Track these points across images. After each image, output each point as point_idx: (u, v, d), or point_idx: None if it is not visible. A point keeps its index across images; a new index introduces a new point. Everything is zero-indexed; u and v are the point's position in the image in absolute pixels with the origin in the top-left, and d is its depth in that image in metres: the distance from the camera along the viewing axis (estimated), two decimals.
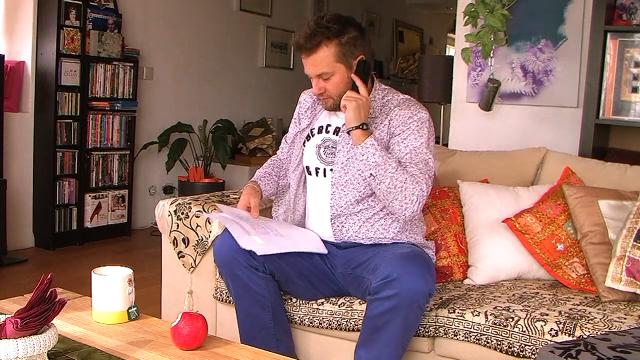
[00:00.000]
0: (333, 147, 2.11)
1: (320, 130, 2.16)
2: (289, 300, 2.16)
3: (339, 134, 2.10)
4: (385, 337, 1.85)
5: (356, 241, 2.09)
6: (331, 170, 2.09)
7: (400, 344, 1.89)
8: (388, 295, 1.82)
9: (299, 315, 2.14)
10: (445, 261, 2.29)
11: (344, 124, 2.04)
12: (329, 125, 2.15)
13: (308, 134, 2.19)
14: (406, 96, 2.12)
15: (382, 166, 1.91)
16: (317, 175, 2.14)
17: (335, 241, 2.12)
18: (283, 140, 2.34)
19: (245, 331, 2.09)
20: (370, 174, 1.93)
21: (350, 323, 2.05)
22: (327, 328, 2.09)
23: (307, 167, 2.17)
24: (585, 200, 2.22)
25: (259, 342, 1.98)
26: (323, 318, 2.09)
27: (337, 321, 2.07)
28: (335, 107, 2.05)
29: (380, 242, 2.07)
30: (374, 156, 1.92)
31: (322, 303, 2.11)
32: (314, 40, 1.95)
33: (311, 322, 2.12)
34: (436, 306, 2.01)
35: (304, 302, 2.14)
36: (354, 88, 1.97)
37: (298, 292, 2.14)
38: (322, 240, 2.13)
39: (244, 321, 2.10)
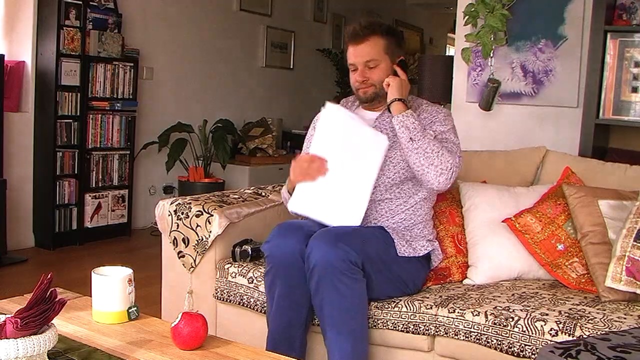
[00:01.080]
0: None
1: None
2: None
3: (375, 121, 2.21)
4: (330, 321, 1.92)
5: (370, 225, 2.16)
6: None
7: (351, 322, 1.91)
8: (310, 270, 1.92)
9: None
10: (442, 263, 2.29)
11: (376, 119, 2.21)
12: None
13: None
14: (427, 101, 2.31)
15: (420, 131, 2.05)
16: None
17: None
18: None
19: (275, 333, 2.05)
20: (410, 137, 2.04)
21: None
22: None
23: None
24: (585, 200, 2.22)
25: (288, 341, 2.01)
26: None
27: None
28: (374, 97, 2.19)
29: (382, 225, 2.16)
30: (413, 123, 2.06)
31: None
32: (368, 29, 2.15)
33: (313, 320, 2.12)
34: (436, 305, 2.01)
35: None
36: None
37: None
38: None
39: (278, 318, 2.04)
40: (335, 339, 1.92)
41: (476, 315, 1.94)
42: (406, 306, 2.02)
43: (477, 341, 1.93)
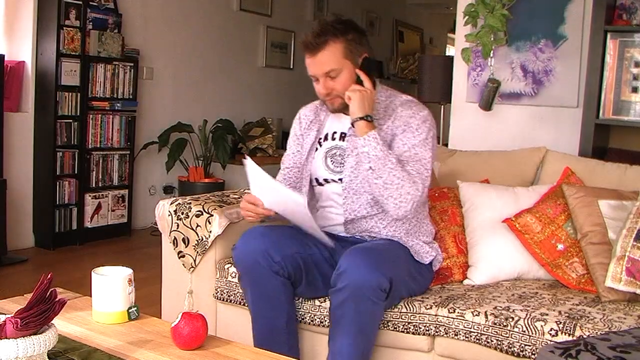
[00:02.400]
0: (340, 155, 2.13)
1: (326, 138, 2.18)
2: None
3: (346, 138, 2.11)
4: (343, 330, 1.89)
5: (364, 238, 2.13)
6: (340, 180, 2.11)
7: (361, 336, 1.90)
8: (339, 287, 1.88)
9: (300, 312, 2.14)
10: (444, 263, 2.29)
11: (350, 128, 2.07)
12: (334, 132, 2.17)
13: (316, 146, 2.20)
14: (409, 97, 2.15)
15: (381, 160, 1.93)
16: (327, 183, 2.16)
17: (345, 235, 2.15)
18: (284, 162, 2.31)
19: (260, 337, 2.08)
20: (370, 167, 1.94)
21: None
22: (328, 326, 2.09)
23: (317, 179, 2.18)
24: (585, 200, 2.22)
25: (271, 347, 1.98)
26: (325, 316, 2.09)
27: None
28: (343, 107, 2.06)
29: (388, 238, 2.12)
30: (375, 149, 1.94)
31: (325, 300, 2.11)
32: (321, 37, 1.99)
33: (312, 320, 2.13)
34: (436, 306, 2.01)
35: (305, 300, 2.14)
36: (359, 83, 2.01)
37: (311, 292, 2.15)
38: (329, 234, 2.16)
39: (259, 329, 2.08)
40: (341, 346, 1.91)
41: (476, 315, 1.94)
42: (406, 307, 2.02)
43: (477, 341, 1.93)
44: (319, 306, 2.12)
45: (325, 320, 2.09)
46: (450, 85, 3.57)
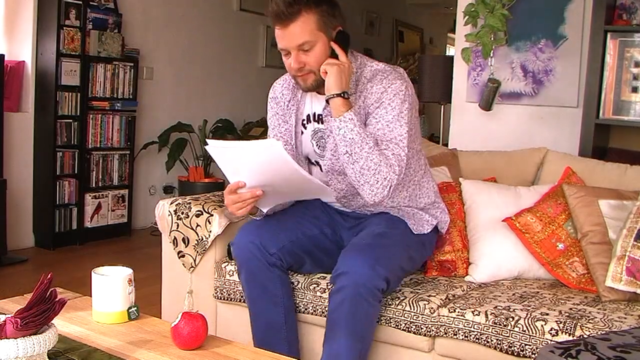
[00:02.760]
0: (322, 138, 2.05)
1: (309, 119, 2.08)
2: (294, 288, 2.16)
3: (324, 120, 2.00)
4: (341, 331, 1.86)
5: (364, 212, 2.13)
6: (324, 166, 2.08)
7: (358, 338, 1.88)
8: (337, 288, 1.86)
9: (303, 303, 2.14)
10: (449, 255, 2.29)
11: (325, 109, 1.96)
12: (315, 113, 2.06)
13: (301, 128, 2.10)
14: (380, 65, 1.99)
15: (358, 144, 1.82)
16: (317, 166, 2.13)
17: (345, 209, 2.14)
18: None
19: (258, 333, 2.08)
20: (346, 151, 1.84)
21: None
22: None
23: (308, 158, 2.14)
24: (586, 200, 2.22)
25: (271, 346, 1.98)
26: (326, 307, 2.09)
27: None
28: (317, 85, 1.93)
29: (387, 211, 2.10)
30: (351, 132, 1.82)
31: (324, 290, 2.11)
32: (294, 7, 1.83)
33: (315, 310, 2.13)
34: (436, 305, 2.01)
35: (306, 288, 2.14)
36: (333, 57, 1.88)
37: (319, 268, 2.16)
38: (332, 208, 2.16)
39: (258, 324, 2.08)
40: (338, 348, 1.89)
41: (476, 315, 1.94)
42: (410, 305, 2.02)
43: (477, 341, 1.93)
44: (320, 297, 2.12)
45: (327, 311, 2.10)
46: (450, 85, 3.57)
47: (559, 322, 1.84)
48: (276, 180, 1.83)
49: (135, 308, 1.65)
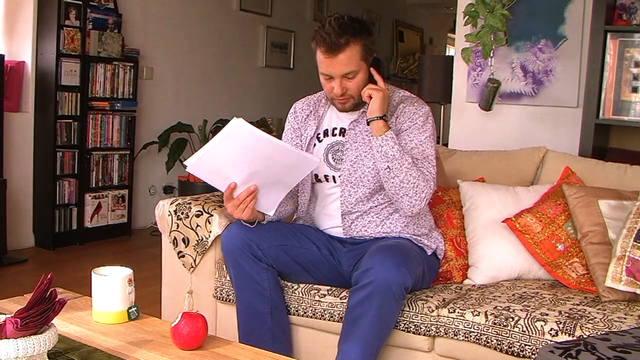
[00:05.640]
0: (340, 151, 2.13)
1: (326, 134, 2.18)
2: (291, 291, 2.16)
3: (346, 133, 2.13)
4: (362, 329, 1.88)
5: (364, 237, 2.13)
6: (339, 177, 2.12)
7: (376, 337, 1.90)
8: (363, 284, 1.87)
9: (302, 307, 2.15)
10: (443, 267, 2.29)
11: (351, 122, 2.11)
12: (334, 128, 2.17)
13: (315, 141, 2.19)
14: (407, 92, 2.18)
15: (398, 160, 1.96)
16: (327, 182, 2.16)
17: (344, 237, 2.16)
18: None
19: (243, 323, 2.11)
20: (387, 166, 1.97)
21: None
22: (328, 320, 2.10)
23: (316, 176, 2.17)
24: (585, 200, 2.22)
25: (255, 336, 2.03)
26: (325, 310, 2.10)
27: (338, 314, 2.07)
28: (354, 107, 2.08)
29: (385, 236, 2.12)
30: (392, 149, 1.96)
31: (324, 295, 2.11)
32: (342, 38, 1.94)
33: (313, 314, 2.13)
34: (436, 306, 2.01)
35: (305, 293, 2.15)
36: (372, 82, 2.03)
37: (303, 280, 2.17)
38: (330, 236, 2.17)
39: (242, 312, 2.11)
40: (357, 345, 1.89)
41: (476, 315, 1.94)
42: (408, 305, 2.02)
43: (477, 341, 1.93)
44: (319, 301, 2.12)
45: (326, 314, 2.10)
46: (450, 85, 3.57)
47: (558, 323, 1.84)
48: (260, 163, 1.88)
49: (135, 308, 1.65)
